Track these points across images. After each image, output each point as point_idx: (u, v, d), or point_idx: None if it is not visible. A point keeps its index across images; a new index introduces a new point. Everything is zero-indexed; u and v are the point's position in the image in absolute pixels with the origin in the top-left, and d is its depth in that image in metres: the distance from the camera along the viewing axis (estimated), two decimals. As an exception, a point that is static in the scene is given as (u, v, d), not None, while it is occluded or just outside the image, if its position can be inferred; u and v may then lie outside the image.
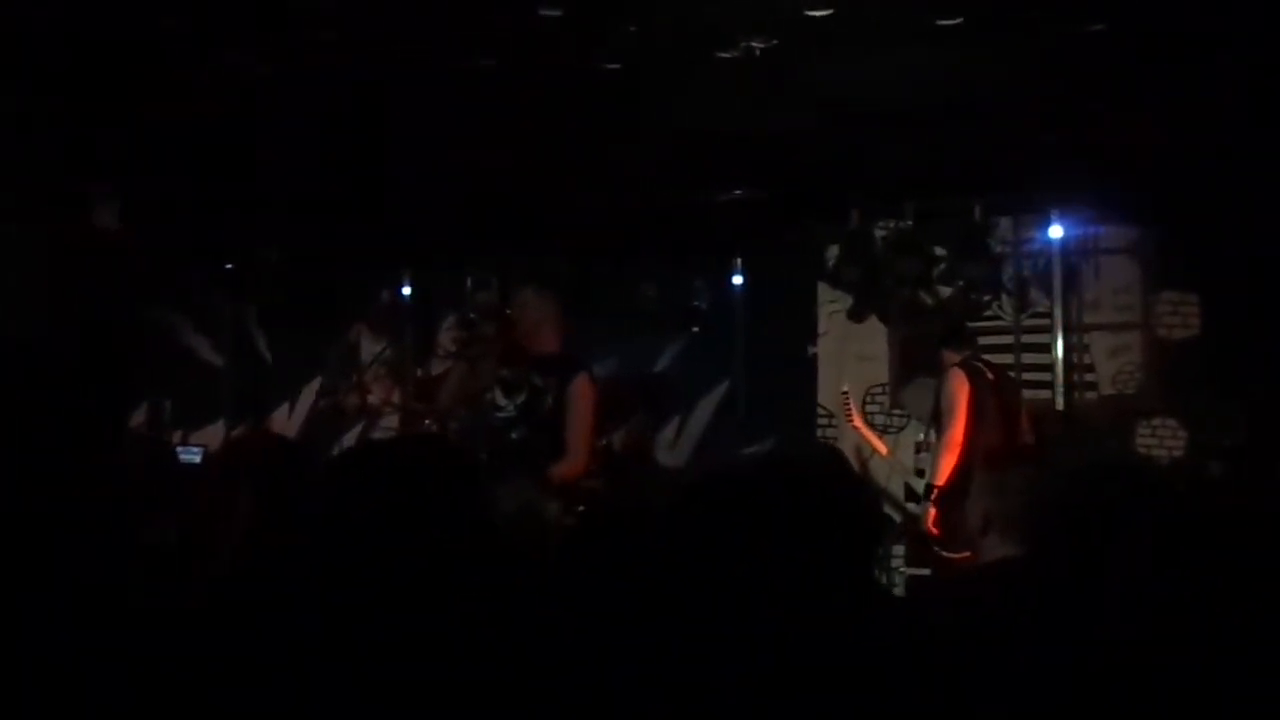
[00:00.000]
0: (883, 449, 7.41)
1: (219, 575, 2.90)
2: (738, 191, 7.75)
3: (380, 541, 2.40)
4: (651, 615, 2.41)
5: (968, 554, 4.26)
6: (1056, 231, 7.75)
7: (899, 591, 7.18)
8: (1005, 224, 7.97)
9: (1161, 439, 7.54)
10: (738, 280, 8.75)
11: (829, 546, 2.31)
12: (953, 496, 6.07)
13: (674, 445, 8.94)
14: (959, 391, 6.60)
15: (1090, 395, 7.85)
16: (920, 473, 7.37)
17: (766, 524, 2.33)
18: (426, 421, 8.05)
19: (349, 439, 9.22)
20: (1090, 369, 7.89)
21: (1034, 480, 2.99)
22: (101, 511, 2.68)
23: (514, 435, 6.10)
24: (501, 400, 6.14)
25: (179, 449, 8.49)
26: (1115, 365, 7.84)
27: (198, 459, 7.95)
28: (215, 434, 9.12)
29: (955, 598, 2.88)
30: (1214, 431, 7.15)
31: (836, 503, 2.36)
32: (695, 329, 8.75)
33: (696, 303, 8.70)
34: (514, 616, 2.41)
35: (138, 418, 9.35)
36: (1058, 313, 7.78)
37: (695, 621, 2.33)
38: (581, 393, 6.07)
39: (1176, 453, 7.53)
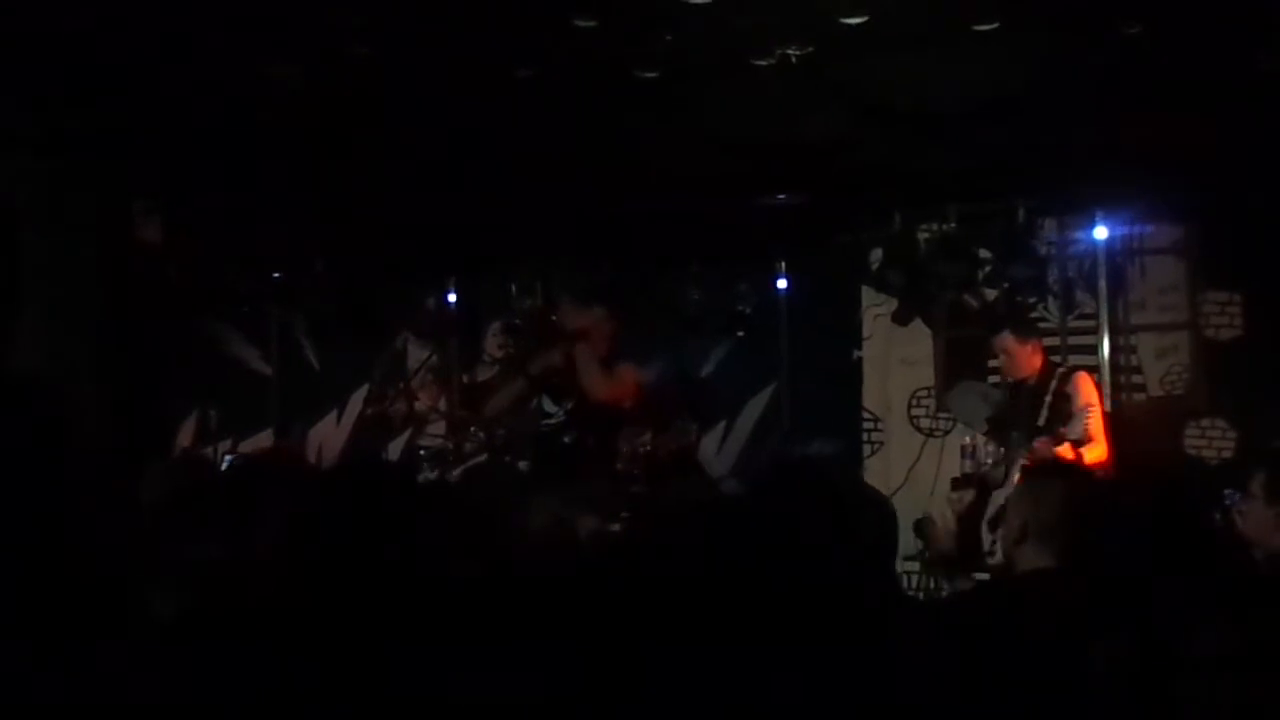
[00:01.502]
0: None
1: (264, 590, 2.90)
2: (781, 196, 7.71)
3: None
4: (679, 627, 2.41)
5: None
6: (1101, 232, 7.68)
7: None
8: (1049, 225, 7.89)
9: (1210, 440, 7.45)
10: (782, 284, 8.73)
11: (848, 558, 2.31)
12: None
13: (719, 450, 8.92)
14: (1090, 390, 6.51)
15: (1138, 397, 7.76)
16: (965, 478, 7.31)
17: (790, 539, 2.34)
18: (472, 429, 8.09)
19: (396, 446, 9.27)
20: (1138, 370, 7.79)
21: (1075, 490, 2.95)
22: (134, 528, 2.72)
23: (567, 440, 6.13)
24: (550, 406, 6.18)
25: (228, 457, 8.57)
26: (1163, 366, 7.75)
27: (247, 468, 8.02)
28: (264, 442, 9.19)
29: (988, 608, 2.84)
30: (1263, 432, 7.05)
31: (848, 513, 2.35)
32: (740, 333, 8.73)
33: (741, 307, 8.69)
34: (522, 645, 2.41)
35: (187, 428, 9.43)
36: (1103, 314, 7.70)
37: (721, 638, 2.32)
38: (628, 376, 6.53)
39: (1226, 454, 7.42)
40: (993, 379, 7.55)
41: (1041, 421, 6.34)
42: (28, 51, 5.17)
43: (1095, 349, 7.71)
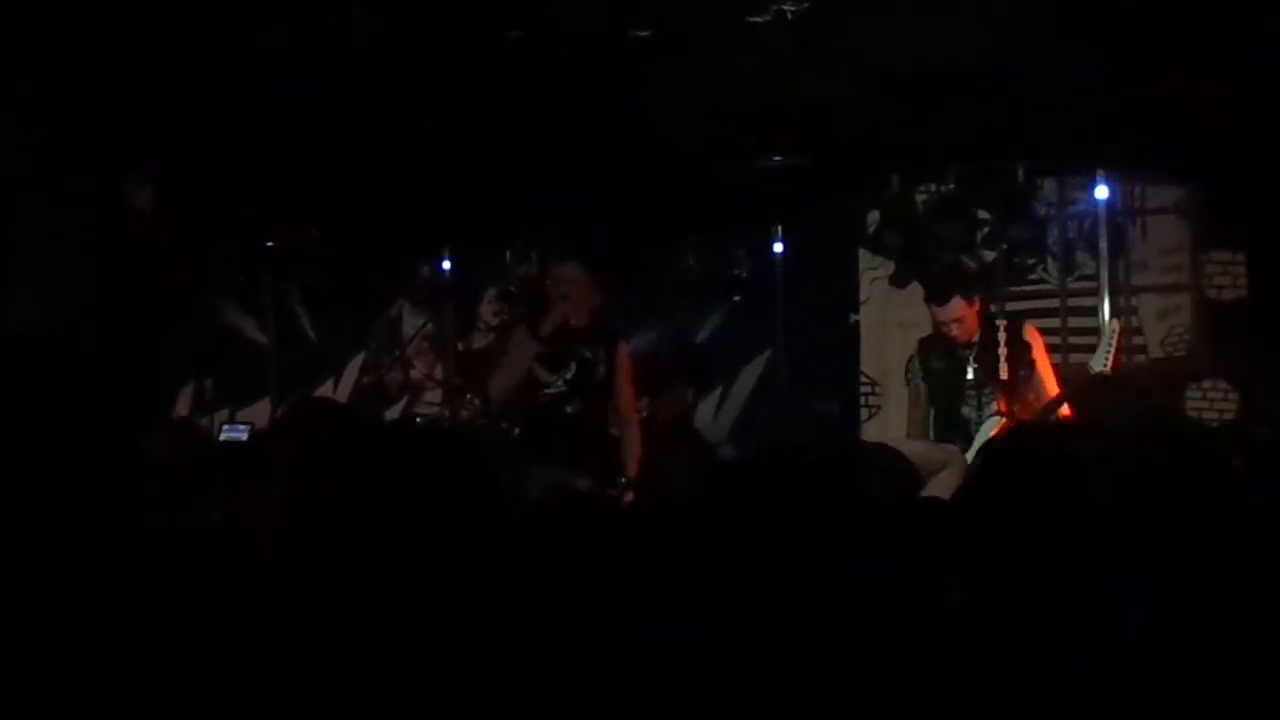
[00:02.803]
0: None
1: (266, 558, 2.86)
2: (776, 159, 7.65)
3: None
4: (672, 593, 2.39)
5: None
6: (1102, 192, 7.60)
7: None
8: (1049, 185, 7.81)
9: (1212, 402, 7.40)
10: (778, 248, 8.65)
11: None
12: None
13: (716, 416, 8.88)
14: (1041, 346, 6.41)
15: (1139, 358, 7.71)
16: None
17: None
18: (468, 396, 8.04)
19: (393, 414, 9.23)
20: (1139, 332, 7.74)
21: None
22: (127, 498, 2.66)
23: (569, 410, 6.10)
24: (546, 375, 6.11)
25: (225, 426, 8.54)
26: (1164, 328, 7.69)
27: (244, 436, 7.99)
28: (261, 411, 9.15)
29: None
30: (1265, 394, 7.00)
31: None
32: (736, 298, 8.67)
33: (737, 272, 8.61)
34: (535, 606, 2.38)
35: (183, 398, 9.39)
36: (1104, 275, 7.63)
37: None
38: (624, 358, 6.21)
39: (1227, 416, 7.37)
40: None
41: (1005, 375, 6.25)
42: (17, 17, 5.09)
43: (1095, 310, 7.65)
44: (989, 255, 7.97)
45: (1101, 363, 6.13)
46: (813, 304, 8.53)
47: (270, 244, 8.96)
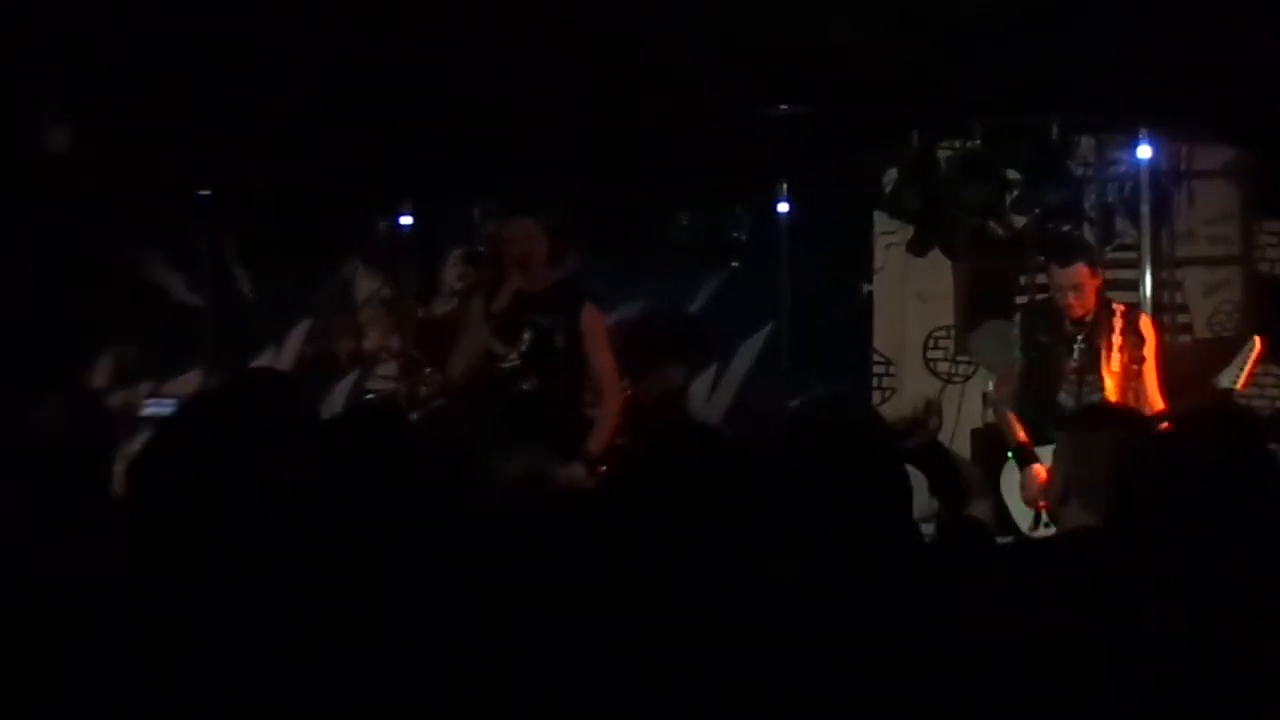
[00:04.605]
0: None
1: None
2: (784, 107, 7.73)
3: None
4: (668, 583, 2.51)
5: None
6: (1145, 152, 7.74)
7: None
8: (1087, 144, 7.96)
9: (1263, 388, 7.56)
10: (783, 208, 8.75)
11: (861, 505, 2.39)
12: None
13: (710, 397, 9.00)
14: (1155, 344, 6.51)
15: (1183, 338, 7.86)
16: (986, 430, 7.40)
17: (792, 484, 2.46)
18: (428, 370, 8.10)
19: (342, 389, 9.28)
20: (1183, 309, 7.90)
21: (1119, 442, 3.04)
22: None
23: (525, 386, 6.12)
24: (500, 348, 6.13)
25: (149, 402, 8.57)
26: (1211, 304, 7.86)
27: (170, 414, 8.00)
28: (192, 384, 9.18)
29: (1022, 567, 2.95)
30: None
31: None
32: (734, 264, 8.76)
33: (735, 233, 8.71)
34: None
35: (100, 369, 9.41)
36: (1146, 244, 7.79)
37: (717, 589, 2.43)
38: (596, 322, 6.24)
39: (1280, 403, 7.55)
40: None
41: (1115, 367, 6.38)
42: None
43: (1136, 284, 7.79)
44: (1018, 220, 8.09)
45: (1232, 378, 6.29)
46: (821, 272, 8.66)
47: (205, 191, 8.99)
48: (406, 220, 9.19)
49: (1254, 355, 6.36)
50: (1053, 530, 4.11)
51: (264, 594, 2.52)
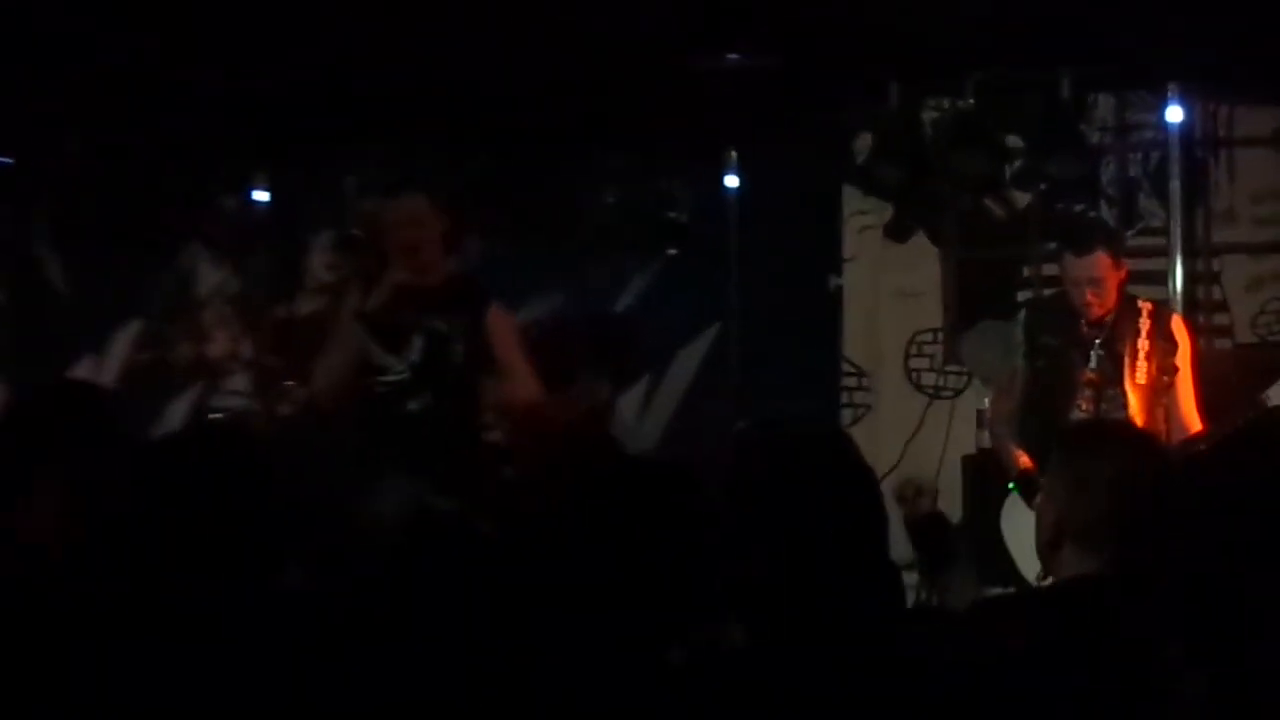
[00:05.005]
0: None
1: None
2: (734, 56, 7.75)
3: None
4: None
5: None
6: (1176, 114, 7.81)
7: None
8: (1105, 104, 8.03)
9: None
10: (732, 183, 8.78)
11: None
12: None
13: (641, 418, 9.02)
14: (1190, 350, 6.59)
15: (1222, 343, 7.95)
16: (981, 456, 7.45)
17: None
18: (288, 384, 8.07)
19: (180, 407, 9.23)
20: (1223, 307, 7.99)
21: (1130, 470, 3.07)
22: None
23: (413, 406, 6.12)
24: (384, 358, 6.11)
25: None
26: (1257, 302, 7.95)
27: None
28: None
29: (1011, 621, 2.98)
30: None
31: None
32: (671, 251, 8.78)
33: (674, 214, 8.73)
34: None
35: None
36: (1176, 228, 7.86)
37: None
38: (504, 326, 6.23)
39: (1340, 425, 7.64)
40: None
41: (1142, 379, 6.44)
42: None
43: (1165, 277, 7.87)
44: (1021, 198, 8.16)
45: None
46: (779, 261, 8.69)
47: (7, 160, 8.92)
48: (261, 196, 9.16)
49: None
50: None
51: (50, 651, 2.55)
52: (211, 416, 8.94)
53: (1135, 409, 6.41)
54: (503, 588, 2.81)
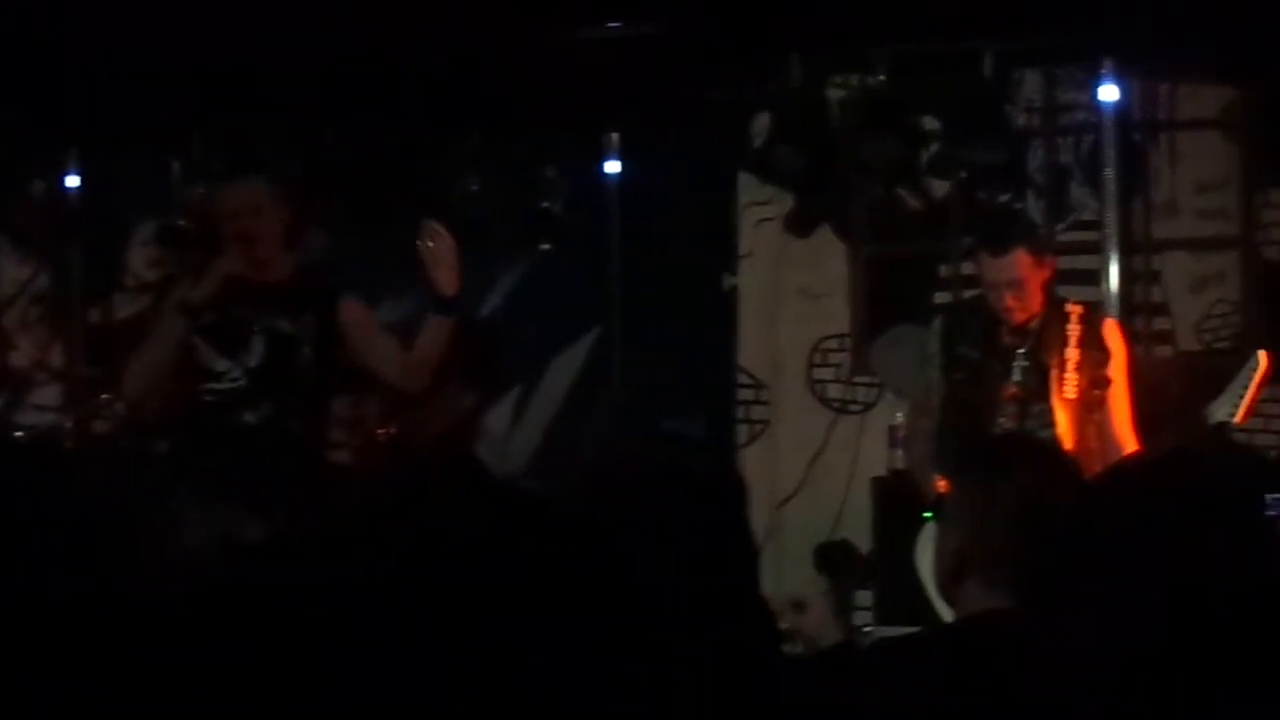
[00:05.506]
0: None
1: None
2: (614, 25, 7.74)
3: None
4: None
5: None
6: (1111, 94, 7.84)
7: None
8: (1032, 81, 8.07)
9: (1269, 418, 7.68)
10: (613, 169, 8.76)
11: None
12: None
13: (511, 432, 8.98)
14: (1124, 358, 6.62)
15: (1162, 350, 8.00)
16: (894, 478, 7.47)
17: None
18: (105, 396, 7.99)
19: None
20: (1163, 310, 8.03)
21: (1041, 493, 3.06)
22: None
23: (248, 417, 6.08)
24: (218, 362, 6.08)
25: None
26: (1201, 304, 8.01)
27: None
28: None
29: (909, 664, 2.97)
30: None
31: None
32: (544, 246, 8.75)
33: (546, 204, 8.70)
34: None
35: None
36: (1111, 222, 7.88)
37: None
38: (359, 314, 6.28)
39: (1292, 442, 7.70)
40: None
41: (1071, 393, 6.45)
42: None
43: (1098, 277, 7.89)
44: (938, 187, 8.18)
45: (1228, 410, 6.38)
46: (665, 258, 8.67)
47: None
48: (72, 181, 9.06)
49: (1258, 376, 6.47)
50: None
51: None
52: (14, 434, 8.83)
53: (1063, 426, 6.42)
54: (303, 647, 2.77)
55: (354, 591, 2.85)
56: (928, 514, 6.61)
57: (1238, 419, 6.44)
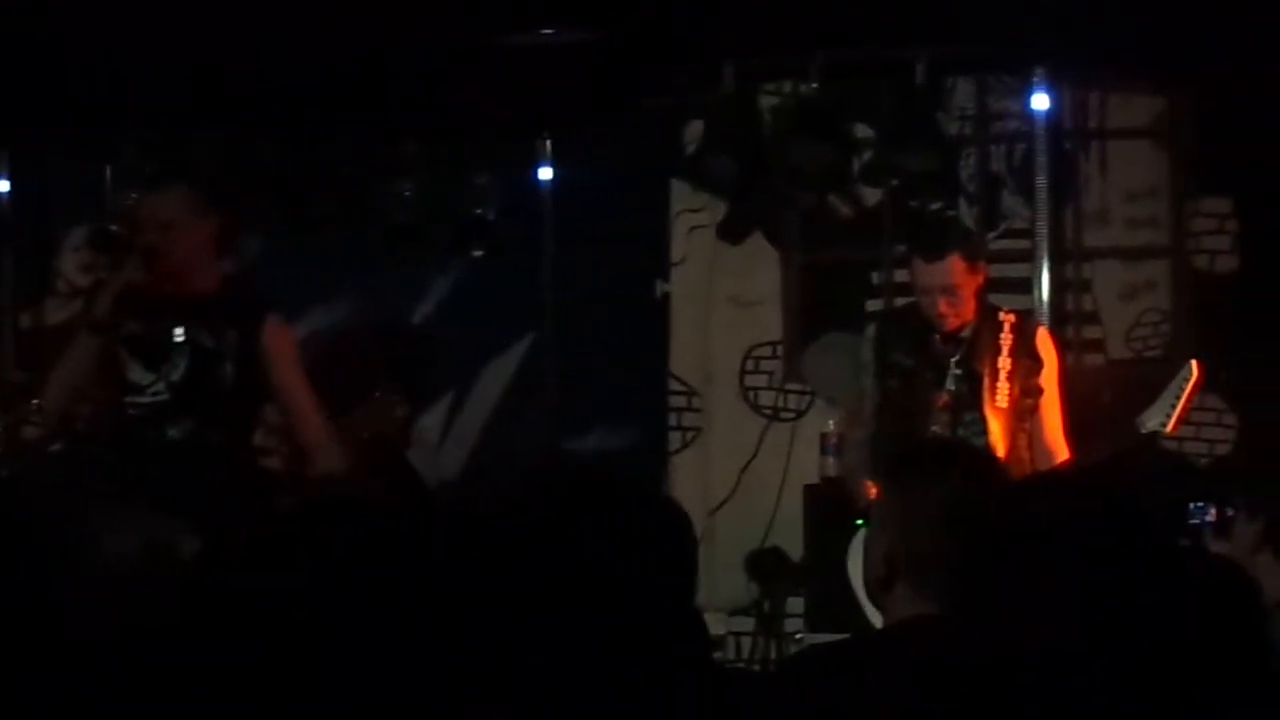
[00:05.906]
0: None
1: None
2: (547, 31, 7.73)
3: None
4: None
5: None
6: (1042, 102, 7.86)
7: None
8: (964, 90, 8.12)
9: (1199, 426, 7.70)
10: (545, 175, 8.75)
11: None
12: None
13: (443, 441, 8.96)
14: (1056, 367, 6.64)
15: (1093, 359, 8.03)
16: (826, 486, 7.48)
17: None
18: (35, 404, 7.94)
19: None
20: (1094, 318, 8.07)
21: (968, 497, 3.07)
22: None
23: (172, 433, 6.05)
24: (141, 376, 6.04)
25: None
26: (1132, 313, 8.05)
27: None
28: None
29: (837, 671, 2.97)
30: (1277, 413, 7.34)
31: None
32: (476, 253, 8.73)
33: (480, 211, 8.69)
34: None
35: None
36: (1043, 230, 7.87)
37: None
38: (282, 341, 6.19)
39: (1221, 448, 7.75)
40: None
41: (1003, 402, 6.47)
42: None
43: (1030, 284, 7.89)
44: (870, 194, 8.20)
45: (1160, 419, 6.40)
46: (598, 265, 8.68)
47: None
48: (2, 185, 9.00)
49: (1190, 386, 6.49)
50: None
51: None
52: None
53: (996, 435, 6.45)
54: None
55: (286, 597, 2.84)
56: (859, 521, 6.61)
57: (1169, 428, 6.45)
